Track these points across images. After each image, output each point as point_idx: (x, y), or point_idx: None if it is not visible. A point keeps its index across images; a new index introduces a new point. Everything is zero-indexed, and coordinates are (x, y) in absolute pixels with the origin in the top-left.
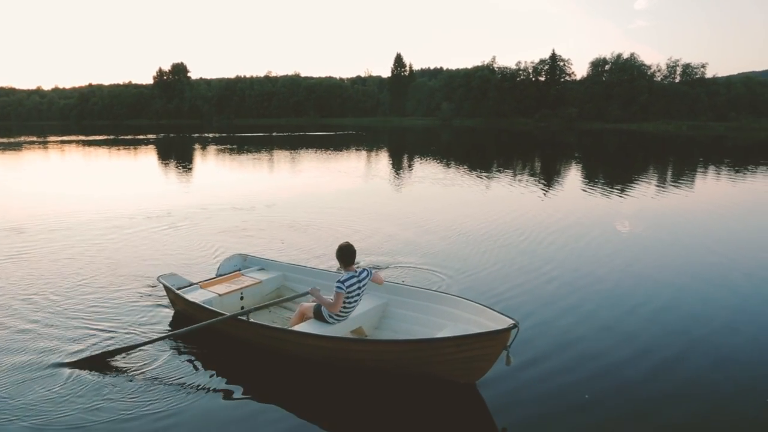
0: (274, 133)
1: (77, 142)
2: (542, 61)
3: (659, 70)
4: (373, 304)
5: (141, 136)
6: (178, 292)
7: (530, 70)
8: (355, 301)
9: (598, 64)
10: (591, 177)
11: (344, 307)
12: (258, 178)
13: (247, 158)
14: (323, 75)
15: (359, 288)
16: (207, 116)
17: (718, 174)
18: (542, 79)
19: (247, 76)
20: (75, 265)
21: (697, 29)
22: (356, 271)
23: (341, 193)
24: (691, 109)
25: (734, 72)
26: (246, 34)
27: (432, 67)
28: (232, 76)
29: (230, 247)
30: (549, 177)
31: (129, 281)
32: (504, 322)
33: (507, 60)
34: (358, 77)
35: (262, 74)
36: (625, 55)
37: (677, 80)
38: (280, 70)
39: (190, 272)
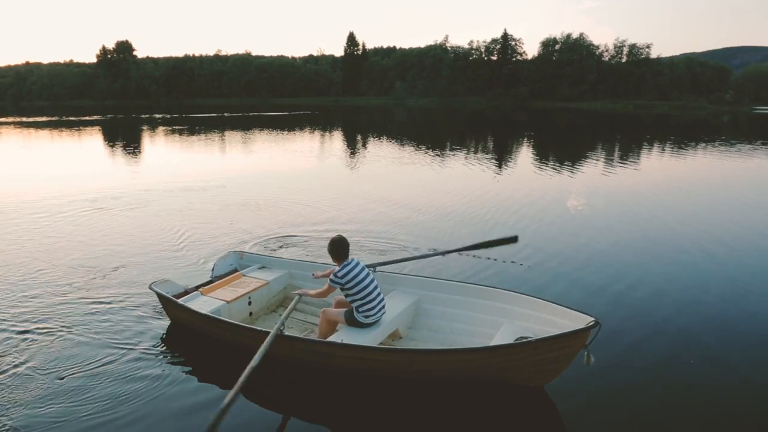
0: (226, 114)
1: (16, 123)
2: (494, 41)
3: (607, 50)
4: (407, 303)
5: (85, 118)
6: (179, 301)
7: (482, 50)
8: (378, 294)
9: (548, 44)
10: (545, 155)
11: (370, 303)
12: (210, 159)
13: (199, 139)
14: (275, 54)
15: (368, 275)
16: (155, 97)
17: (663, 151)
18: (494, 58)
19: (197, 54)
20: (23, 261)
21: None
22: (350, 261)
23: (296, 173)
24: (637, 89)
25: (677, 53)
26: (194, 10)
27: (385, 46)
28: (181, 54)
29: (187, 231)
30: (504, 155)
31: (87, 278)
32: (572, 317)
33: (460, 39)
34: (311, 56)
35: (211, 53)
36: (575, 35)
37: (624, 60)
38: (230, 48)
39: (157, 266)
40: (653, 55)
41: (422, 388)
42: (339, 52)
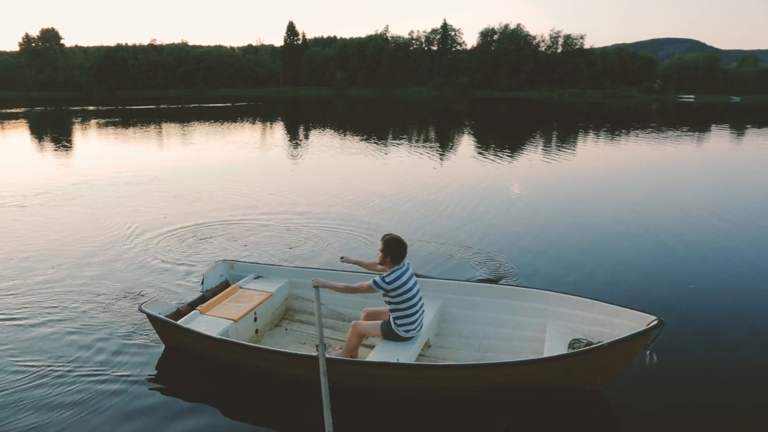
0: (163, 106)
1: None
2: (434, 31)
3: (543, 41)
4: (433, 309)
5: (8, 110)
6: (181, 324)
7: (423, 40)
8: (422, 307)
9: (487, 34)
10: (489, 144)
11: (413, 316)
12: (147, 151)
13: (134, 132)
14: (213, 44)
15: (415, 284)
16: (86, 88)
17: (599, 138)
18: (435, 48)
19: (130, 44)
20: None
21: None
22: (402, 265)
23: (237, 164)
24: (572, 78)
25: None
26: None
27: (326, 36)
28: (113, 44)
29: (123, 226)
30: (448, 144)
31: (32, 296)
32: (627, 316)
33: (400, 29)
34: (250, 46)
35: (145, 42)
36: (512, 26)
37: (559, 50)
38: (165, 38)
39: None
40: (587, 45)
41: (474, 400)
42: (279, 41)
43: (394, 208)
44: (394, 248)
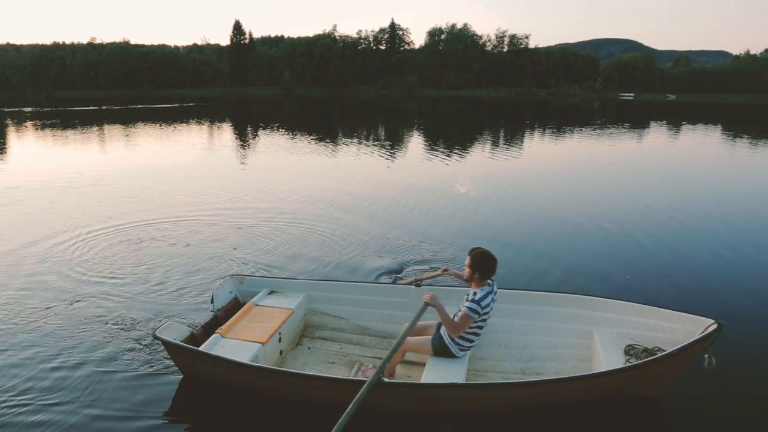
0: (105, 107)
1: None
2: (382, 30)
3: (490, 40)
4: None
5: None
6: (204, 351)
7: (371, 39)
8: (486, 323)
9: (434, 34)
10: (439, 142)
11: (475, 333)
12: (88, 154)
13: (74, 134)
14: (156, 43)
15: (492, 306)
16: (20, 88)
17: (545, 135)
18: (383, 47)
19: (67, 42)
20: None
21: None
22: (490, 285)
23: (182, 166)
24: (518, 77)
25: (552, 43)
26: None
27: (273, 35)
28: (48, 42)
29: (59, 231)
30: (398, 143)
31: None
32: (680, 320)
33: (348, 28)
34: (195, 45)
35: (84, 41)
36: (459, 26)
37: (505, 50)
38: (105, 36)
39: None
40: (531, 45)
41: (528, 413)
42: (225, 41)
43: (347, 207)
44: (484, 264)
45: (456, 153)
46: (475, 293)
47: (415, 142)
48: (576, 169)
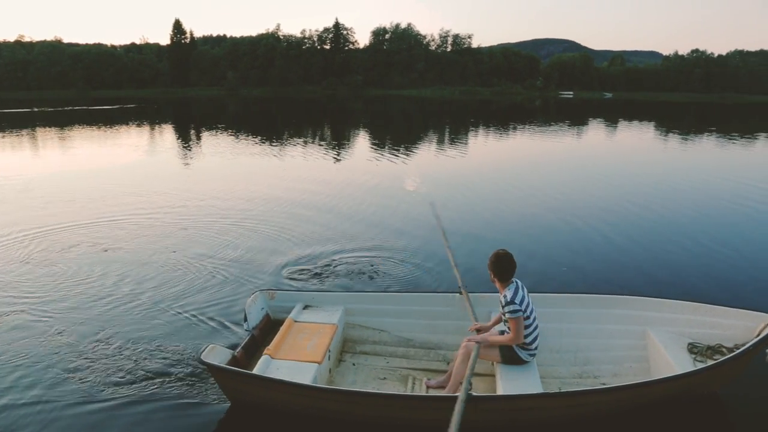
0: (36, 109)
1: None
2: (327, 30)
3: (433, 40)
4: None
5: None
6: (261, 374)
7: (315, 39)
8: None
9: (379, 33)
10: (386, 141)
11: (535, 333)
12: (19, 157)
13: (3, 138)
14: (91, 41)
15: (529, 300)
16: None
17: (487, 132)
18: (327, 47)
19: None
20: None
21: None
22: (514, 283)
23: (121, 168)
24: (462, 76)
25: (494, 43)
26: None
27: (215, 35)
28: None
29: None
30: (344, 142)
31: None
32: (738, 316)
33: (292, 28)
34: (133, 45)
35: (12, 39)
36: (403, 25)
37: (449, 49)
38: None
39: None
40: (474, 44)
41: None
42: (165, 40)
43: (289, 206)
44: (505, 265)
45: (403, 152)
46: (505, 296)
47: (362, 142)
48: (521, 166)
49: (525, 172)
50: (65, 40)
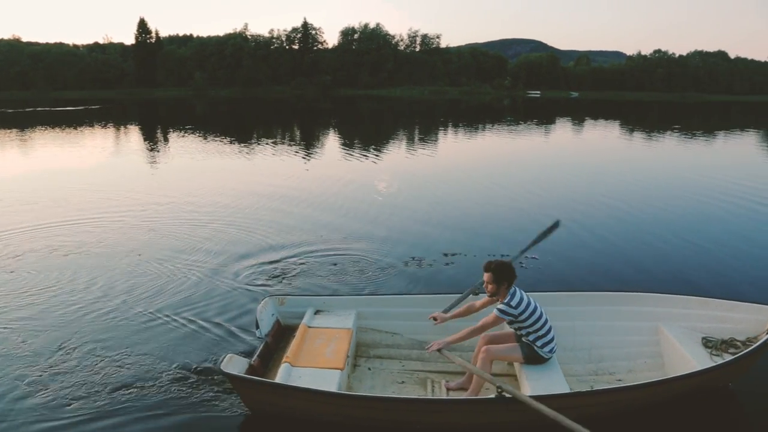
0: None
1: None
2: (295, 30)
3: (402, 40)
4: None
5: None
6: (286, 384)
7: (284, 39)
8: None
9: (347, 33)
10: (355, 141)
11: (549, 332)
12: None
13: None
14: (52, 41)
15: (529, 299)
16: None
17: (458, 132)
18: (296, 47)
19: None
20: None
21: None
22: (515, 288)
23: (88, 170)
24: (431, 76)
25: (462, 43)
26: None
27: (181, 34)
28: None
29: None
30: (315, 143)
31: None
32: (748, 310)
33: (260, 27)
34: (96, 44)
35: None
36: (372, 25)
37: (418, 49)
38: None
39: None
40: (443, 44)
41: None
42: (129, 39)
43: (261, 208)
44: (504, 272)
45: (374, 152)
46: (509, 299)
47: (331, 142)
48: (488, 164)
49: (489, 169)
50: (24, 39)
